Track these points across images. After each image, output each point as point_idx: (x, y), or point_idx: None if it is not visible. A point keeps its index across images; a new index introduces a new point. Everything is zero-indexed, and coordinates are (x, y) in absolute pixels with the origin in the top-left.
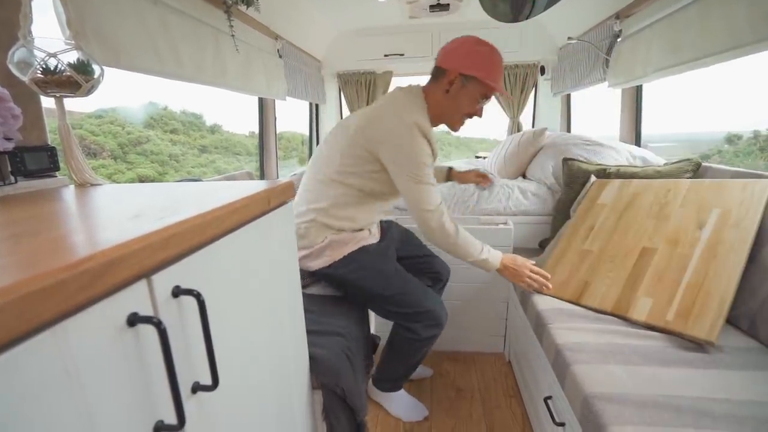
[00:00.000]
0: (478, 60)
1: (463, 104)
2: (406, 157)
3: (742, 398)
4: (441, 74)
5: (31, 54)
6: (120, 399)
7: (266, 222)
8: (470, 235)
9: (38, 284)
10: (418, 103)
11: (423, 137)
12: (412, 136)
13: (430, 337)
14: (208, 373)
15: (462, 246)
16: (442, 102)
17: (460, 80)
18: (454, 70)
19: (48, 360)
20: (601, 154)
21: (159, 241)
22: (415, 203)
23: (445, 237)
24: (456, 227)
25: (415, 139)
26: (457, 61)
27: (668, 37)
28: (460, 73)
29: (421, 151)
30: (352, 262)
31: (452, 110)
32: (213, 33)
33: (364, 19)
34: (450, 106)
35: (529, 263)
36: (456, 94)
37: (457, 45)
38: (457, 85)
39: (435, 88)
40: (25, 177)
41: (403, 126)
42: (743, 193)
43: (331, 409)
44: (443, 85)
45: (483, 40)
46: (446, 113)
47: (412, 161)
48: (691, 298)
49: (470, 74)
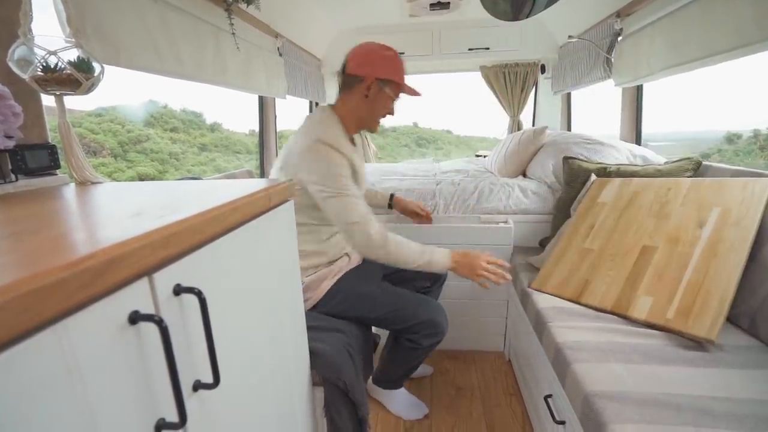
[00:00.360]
0: (389, 64)
1: (380, 106)
2: (319, 174)
3: (742, 397)
4: (357, 82)
5: (31, 52)
6: (121, 397)
7: (267, 220)
8: (407, 241)
9: (39, 282)
10: (324, 120)
11: (332, 149)
12: (317, 152)
13: (431, 345)
14: (209, 371)
15: (395, 253)
16: (361, 108)
17: (377, 85)
18: (370, 76)
19: (49, 358)
20: (601, 152)
21: (160, 239)
22: (339, 218)
23: (374, 248)
24: (385, 236)
25: (320, 153)
26: (371, 68)
27: (671, 35)
28: (377, 78)
29: (332, 164)
30: (334, 296)
31: (371, 113)
32: (213, 31)
33: (364, 17)
34: (369, 110)
35: (483, 255)
36: (374, 98)
37: (365, 52)
38: (374, 89)
39: (349, 97)
40: (25, 175)
41: (306, 147)
42: (743, 192)
43: (332, 404)
44: (361, 91)
45: (386, 45)
46: (366, 117)
47: (326, 176)
48: (691, 297)
49: (386, 78)
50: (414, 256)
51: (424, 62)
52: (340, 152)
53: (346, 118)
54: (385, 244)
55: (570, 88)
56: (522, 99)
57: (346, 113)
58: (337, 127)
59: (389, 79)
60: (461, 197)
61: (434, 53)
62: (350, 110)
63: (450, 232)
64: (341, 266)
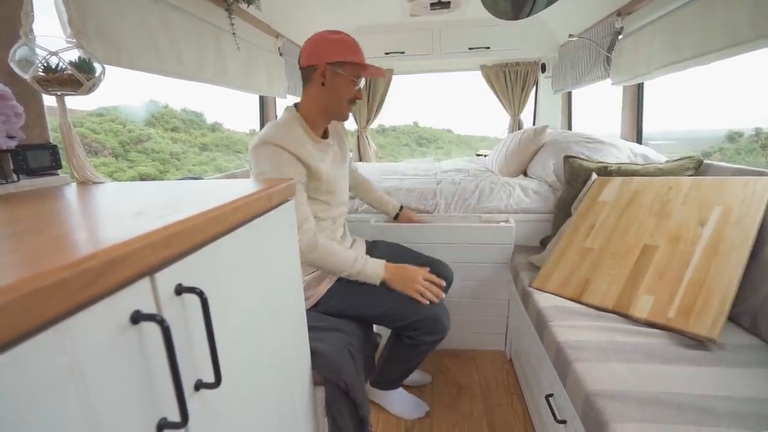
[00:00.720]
0: (338, 47)
1: (341, 91)
2: (259, 172)
3: (743, 395)
4: (311, 71)
5: (32, 52)
6: (123, 396)
7: (268, 220)
8: (339, 249)
9: (41, 282)
10: (283, 121)
11: (277, 148)
12: (261, 151)
13: (433, 342)
14: (210, 370)
15: (323, 258)
16: (321, 97)
17: (330, 70)
18: (321, 63)
19: (51, 358)
20: (602, 151)
21: (161, 239)
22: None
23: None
24: (316, 243)
25: (264, 152)
26: (320, 55)
27: (671, 34)
28: (328, 62)
29: (273, 163)
30: (335, 295)
31: (334, 100)
32: (214, 31)
33: (365, 17)
34: (331, 97)
35: (421, 271)
36: (331, 83)
37: (314, 42)
38: (329, 74)
39: (309, 89)
40: (27, 175)
41: (252, 147)
42: (745, 190)
43: (333, 404)
44: (317, 80)
45: (335, 30)
46: (330, 105)
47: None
48: (692, 296)
49: (338, 60)
50: (346, 263)
51: (425, 61)
52: (289, 151)
53: (311, 113)
54: (314, 249)
55: (570, 87)
56: (522, 98)
57: (309, 109)
58: (295, 127)
59: (342, 61)
60: (462, 196)
61: (435, 52)
62: (312, 104)
63: (451, 231)
64: None
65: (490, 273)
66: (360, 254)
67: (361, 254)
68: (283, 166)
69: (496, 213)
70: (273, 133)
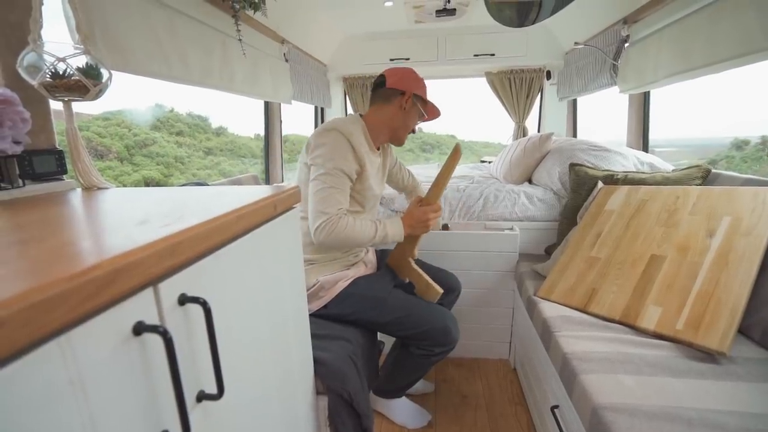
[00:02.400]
0: (422, 85)
1: (411, 120)
2: (322, 157)
3: (755, 411)
4: (396, 95)
5: (40, 58)
6: (124, 409)
7: (272, 228)
8: (359, 224)
9: (43, 294)
10: (350, 120)
11: (344, 138)
12: (327, 137)
13: (442, 352)
14: (213, 381)
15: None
16: (396, 119)
17: (413, 99)
18: (409, 91)
19: (52, 372)
20: (608, 159)
21: (166, 248)
22: (313, 199)
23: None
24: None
25: (330, 136)
26: (410, 85)
27: (679, 43)
28: (414, 93)
29: (340, 155)
30: (346, 299)
31: (404, 125)
32: (220, 37)
33: (370, 23)
34: (403, 122)
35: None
36: (409, 111)
37: (404, 73)
38: (410, 103)
39: (385, 108)
40: (33, 180)
41: (322, 128)
42: (754, 200)
43: (336, 414)
44: (399, 103)
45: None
46: (399, 128)
47: (326, 156)
48: (701, 308)
49: (420, 95)
50: (370, 233)
51: (430, 68)
52: (352, 145)
53: (376, 127)
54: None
55: (576, 94)
56: (527, 105)
57: (376, 123)
58: (359, 130)
59: (421, 97)
60: (466, 204)
61: (440, 59)
62: (383, 121)
63: (455, 238)
64: (357, 271)
65: (494, 281)
66: (377, 221)
67: (379, 221)
68: (339, 155)
69: (501, 221)
70: (343, 124)
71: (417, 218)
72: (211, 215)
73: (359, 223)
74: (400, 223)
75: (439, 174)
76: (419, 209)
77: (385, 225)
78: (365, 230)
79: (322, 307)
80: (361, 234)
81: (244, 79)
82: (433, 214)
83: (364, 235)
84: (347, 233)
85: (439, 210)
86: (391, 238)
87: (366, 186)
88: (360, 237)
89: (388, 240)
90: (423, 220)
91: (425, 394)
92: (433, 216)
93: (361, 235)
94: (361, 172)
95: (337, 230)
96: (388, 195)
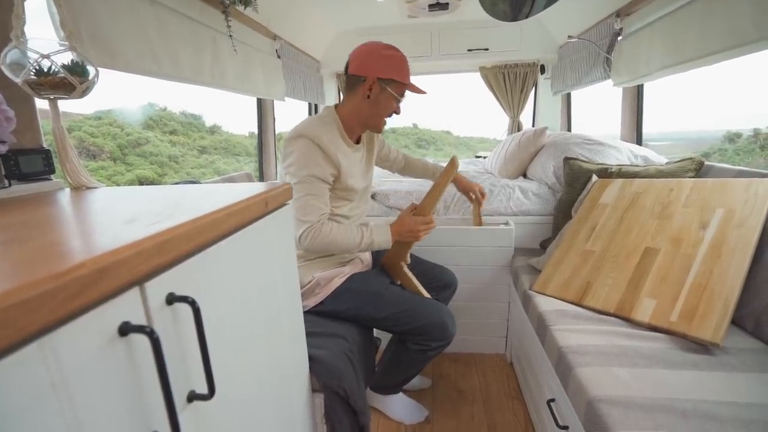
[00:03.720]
0: (390, 63)
1: (383, 107)
2: (293, 166)
3: (748, 401)
4: (359, 82)
5: (24, 55)
6: (111, 411)
7: (264, 225)
8: (344, 230)
9: (24, 295)
10: (319, 118)
11: (311, 143)
12: (294, 144)
13: (438, 348)
14: (204, 381)
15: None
16: (363, 108)
17: (378, 85)
18: (371, 76)
19: (34, 373)
20: (602, 153)
21: (153, 246)
22: (294, 208)
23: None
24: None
25: (296, 145)
26: (371, 68)
27: (671, 35)
28: (378, 78)
29: (305, 156)
30: (342, 294)
31: (374, 114)
32: (210, 33)
33: (363, 18)
34: (372, 111)
35: (418, 219)
36: (376, 98)
37: (367, 52)
38: (376, 89)
39: (352, 97)
40: (19, 180)
41: (286, 139)
42: (747, 192)
43: (333, 411)
44: (362, 91)
45: (388, 45)
46: (369, 118)
47: (297, 166)
48: (695, 299)
49: (388, 78)
50: (355, 240)
51: (423, 63)
52: (322, 149)
53: (349, 118)
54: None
55: (570, 88)
56: (522, 100)
57: (348, 114)
58: (331, 126)
59: (391, 79)
60: (461, 199)
61: (433, 54)
62: (352, 111)
63: (450, 234)
64: (353, 268)
65: (490, 276)
66: (363, 227)
67: (365, 227)
68: (311, 161)
69: (496, 215)
70: (310, 128)
71: (407, 227)
72: (201, 213)
73: (343, 229)
74: (388, 230)
75: (434, 184)
76: (411, 219)
77: (371, 232)
78: (350, 236)
79: (318, 303)
80: (345, 240)
81: (236, 76)
82: (424, 227)
83: (348, 241)
84: (331, 239)
85: (431, 224)
86: (378, 245)
87: (346, 185)
88: (345, 243)
89: (374, 247)
90: (413, 231)
91: (422, 389)
92: (423, 228)
93: (345, 241)
94: (338, 175)
95: (321, 237)
96: (383, 191)
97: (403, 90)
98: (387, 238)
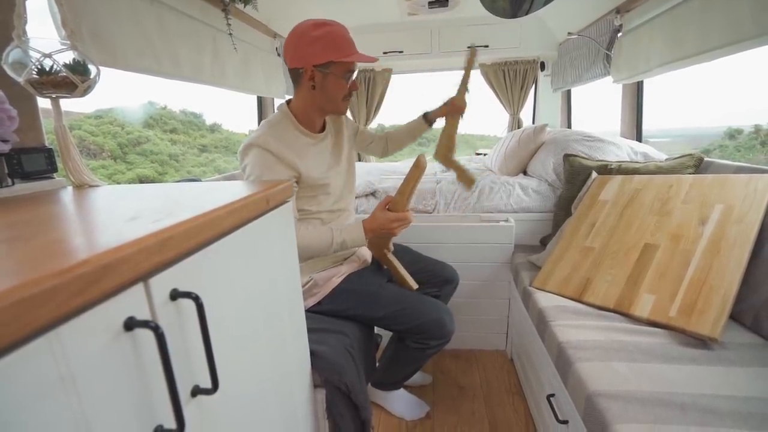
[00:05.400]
0: (322, 45)
1: (332, 91)
2: (251, 176)
3: (746, 395)
4: (299, 74)
5: (26, 55)
6: (117, 405)
7: (265, 222)
8: (313, 231)
9: (31, 290)
10: (271, 121)
11: (263, 151)
12: (248, 155)
13: (437, 345)
14: (207, 376)
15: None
16: (314, 98)
17: (318, 72)
18: (307, 66)
19: (42, 368)
20: (602, 149)
21: (156, 243)
22: None
23: None
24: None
25: (248, 156)
26: (304, 57)
27: (670, 32)
28: (314, 65)
29: (256, 166)
30: (340, 295)
31: (327, 100)
32: (210, 32)
33: (362, 16)
34: (323, 98)
35: (390, 216)
36: (322, 85)
37: (296, 40)
38: (318, 77)
39: (299, 89)
40: (22, 179)
41: (243, 151)
42: (746, 188)
43: (334, 406)
44: (306, 83)
45: (319, 21)
46: (325, 105)
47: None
48: (694, 295)
49: (325, 61)
50: (326, 241)
51: (423, 60)
52: (274, 154)
53: (303, 111)
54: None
55: (570, 85)
56: (522, 97)
57: (301, 108)
58: (283, 126)
59: (330, 62)
60: (461, 196)
61: (433, 51)
62: (305, 103)
63: (450, 231)
64: (350, 267)
65: (490, 272)
66: (334, 227)
67: (335, 227)
68: (266, 169)
69: (496, 212)
70: (260, 136)
71: (380, 224)
72: (203, 210)
73: (311, 230)
74: (361, 228)
75: (405, 179)
76: (383, 215)
77: (342, 231)
78: (321, 239)
79: (316, 303)
80: (315, 242)
81: (236, 74)
82: (397, 223)
83: (319, 243)
84: (300, 242)
85: (406, 220)
86: (351, 244)
87: (314, 181)
88: (316, 245)
89: (348, 246)
90: (387, 228)
91: (423, 385)
92: (397, 225)
93: (315, 243)
94: (299, 174)
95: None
96: (384, 188)
97: (349, 68)
98: (360, 236)
